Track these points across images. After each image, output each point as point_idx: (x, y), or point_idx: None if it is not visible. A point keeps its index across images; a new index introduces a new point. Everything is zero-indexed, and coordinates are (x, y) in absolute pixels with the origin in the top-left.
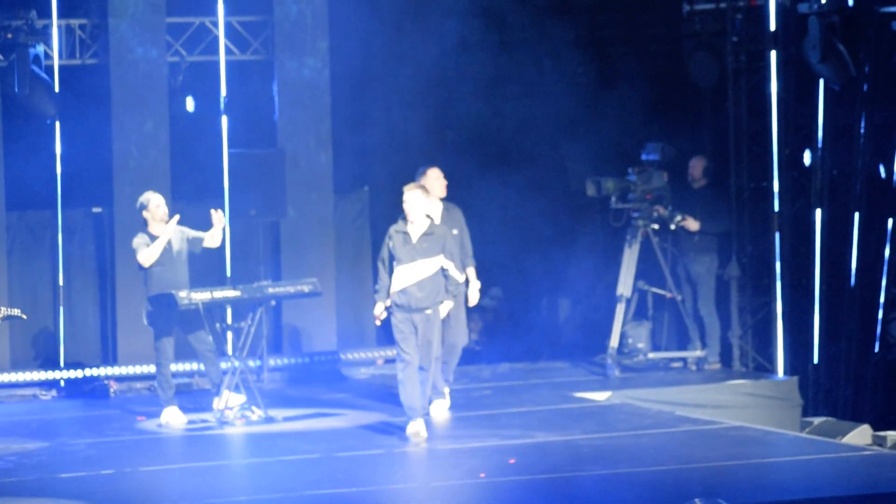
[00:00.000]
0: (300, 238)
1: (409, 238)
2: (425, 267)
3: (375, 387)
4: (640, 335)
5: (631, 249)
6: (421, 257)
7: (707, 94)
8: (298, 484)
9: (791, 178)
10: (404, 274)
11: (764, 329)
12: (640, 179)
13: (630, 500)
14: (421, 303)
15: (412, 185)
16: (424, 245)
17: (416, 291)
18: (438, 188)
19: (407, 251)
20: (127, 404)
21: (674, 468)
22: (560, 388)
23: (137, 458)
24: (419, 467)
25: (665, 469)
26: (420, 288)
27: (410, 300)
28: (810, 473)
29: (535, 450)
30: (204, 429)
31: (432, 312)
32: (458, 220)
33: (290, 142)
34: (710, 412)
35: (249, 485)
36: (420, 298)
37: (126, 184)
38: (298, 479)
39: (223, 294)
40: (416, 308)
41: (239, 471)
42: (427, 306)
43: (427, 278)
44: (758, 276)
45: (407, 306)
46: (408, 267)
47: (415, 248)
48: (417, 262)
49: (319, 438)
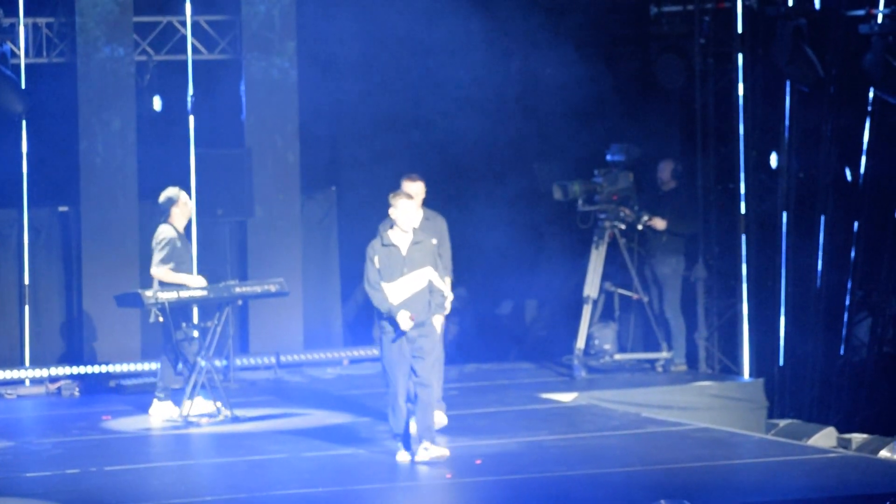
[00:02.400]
0: (267, 237)
1: (396, 251)
2: (416, 280)
3: (342, 387)
4: (606, 336)
5: (598, 251)
6: (410, 270)
7: (674, 96)
8: (265, 484)
9: (758, 180)
10: (394, 291)
11: (730, 331)
12: (606, 181)
13: (596, 500)
14: (419, 315)
15: (400, 193)
16: (415, 255)
17: (413, 304)
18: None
19: (396, 266)
20: (92, 404)
21: (639, 469)
22: (526, 389)
23: (103, 457)
24: (385, 468)
25: (631, 470)
26: (413, 303)
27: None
28: (775, 475)
29: (501, 450)
30: (169, 428)
31: (428, 326)
32: (440, 230)
33: (258, 141)
34: (676, 413)
35: (215, 485)
36: (419, 310)
37: (93, 183)
38: (265, 479)
39: (189, 294)
40: (416, 321)
41: (205, 471)
42: (423, 321)
43: (420, 291)
44: (724, 278)
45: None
46: (398, 283)
47: (404, 260)
48: (407, 276)
49: (286, 438)
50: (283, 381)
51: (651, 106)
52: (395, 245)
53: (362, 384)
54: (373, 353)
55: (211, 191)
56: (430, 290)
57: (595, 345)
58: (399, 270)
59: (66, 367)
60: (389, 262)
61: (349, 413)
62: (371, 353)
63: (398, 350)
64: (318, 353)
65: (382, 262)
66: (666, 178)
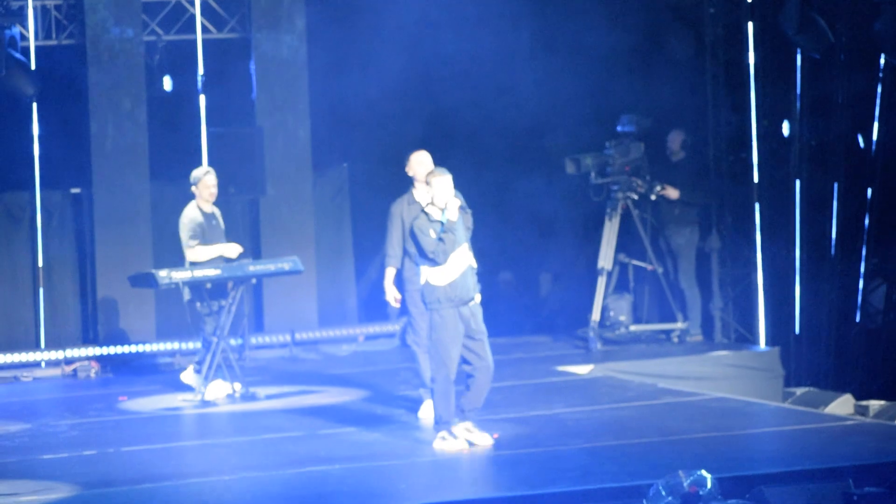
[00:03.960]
0: (280, 215)
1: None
2: (463, 257)
3: (358, 364)
4: (621, 308)
5: (611, 222)
6: (460, 243)
7: (684, 66)
8: (281, 462)
9: (770, 149)
10: (452, 263)
11: (745, 300)
12: (618, 152)
13: (613, 472)
14: (471, 292)
15: (435, 171)
16: (461, 230)
17: (463, 281)
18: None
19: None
20: (109, 385)
21: (656, 440)
22: (543, 362)
23: (119, 438)
24: (403, 443)
25: (648, 441)
26: (466, 276)
27: (461, 291)
28: (793, 444)
29: (518, 424)
30: (186, 408)
31: (477, 305)
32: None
33: (268, 119)
34: (693, 384)
35: (232, 463)
36: (469, 287)
37: (104, 164)
38: (281, 457)
39: (203, 273)
40: (467, 298)
41: (221, 450)
42: (473, 295)
43: (467, 269)
44: (738, 248)
45: (458, 299)
46: (454, 256)
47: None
48: (459, 249)
49: (301, 416)
50: (299, 359)
51: (661, 76)
52: (438, 221)
53: (378, 361)
54: (389, 329)
55: (223, 170)
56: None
57: (610, 316)
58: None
59: (81, 349)
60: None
61: (365, 390)
62: (386, 330)
63: (453, 330)
64: (333, 330)
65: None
66: (676, 148)
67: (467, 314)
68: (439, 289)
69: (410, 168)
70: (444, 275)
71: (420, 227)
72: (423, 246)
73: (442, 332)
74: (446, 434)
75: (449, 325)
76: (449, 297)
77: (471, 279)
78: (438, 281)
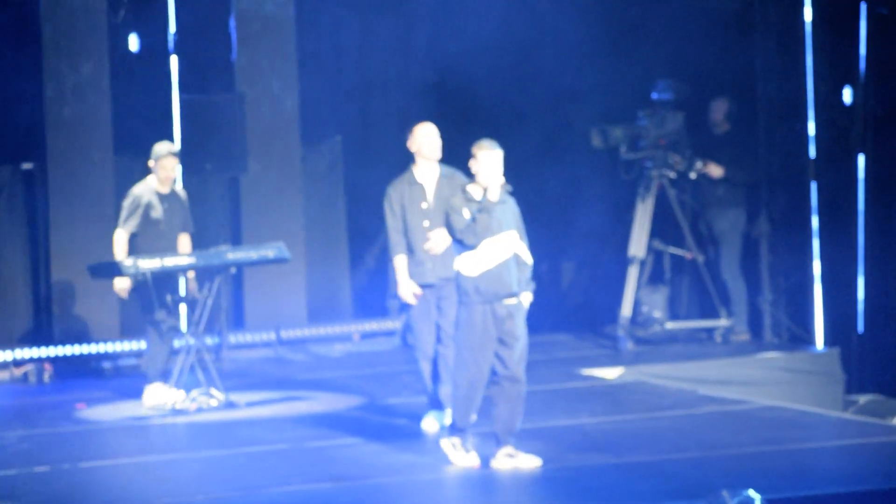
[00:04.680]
0: (263, 195)
1: (487, 207)
2: (505, 244)
3: (352, 366)
4: (655, 302)
5: (644, 204)
6: (503, 229)
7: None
8: (264, 479)
9: (829, 118)
10: (487, 251)
11: (799, 293)
12: (652, 123)
13: (645, 492)
14: (510, 287)
15: (482, 143)
16: (508, 215)
17: (502, 273)
18: (430, 148)
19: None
20: (64, 391)
21: (696, 456)
22: (564, 365)
23: (77, 452)
24: (404, 458)
25: (686, 457)
26: (508, 269)
27: (496, 284)
28: (855, 461)
29: (536, 435)
30: (154, 417)
31: (519, 305)
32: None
33: (251, 85)
34: (738, 390)
35: (207, 481)
36: (509, 282)
37: (61, 136)
38: (263, 474)
39: (175, 261)
40: (504, 294)
41: (195, 465)
42: (517, 292)
43: (508, 260)
44: (791, 233)
45: (492, 293)
46: (491, 241)
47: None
48: (496, 237)
49: (288, 426)
50: (285, 361)
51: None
52: (481, 202)
53: (376, 362)
54: (387, 326)
55: (198, 143)
56: (516, 261)
57: (643, 312)
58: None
59: (33, 349)
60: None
61: (361, 396)
62: (385, 327)
63: (482, 330)
64: (325, 327)
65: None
66: (719, 118)
67: (503, 314)
68: (470, 279)
69: (414, 142)
70: (475, 263)
71: (454, 206)
72: (452, 226)
73: (468, 331)
74: (458, 443)
75: (477, 323)
76: (480, 290)
77: (514, 274)
78: (468, 270)
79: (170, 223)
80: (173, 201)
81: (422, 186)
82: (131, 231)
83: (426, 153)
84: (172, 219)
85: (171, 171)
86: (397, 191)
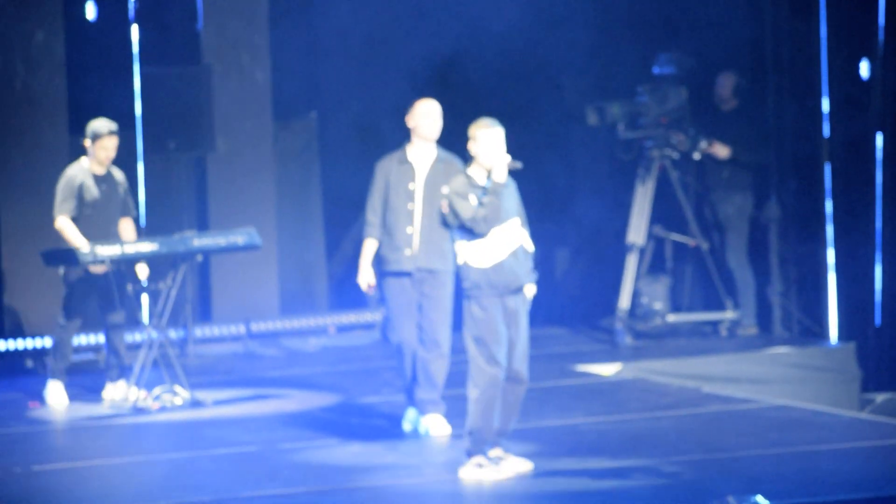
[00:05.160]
0: (232, 177)
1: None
2: (512, 232)
3: (328, 361)
4: (656, 293)
5: (644, 187)
6: (510, 216)
7: None
8: (232, 484)
9: (845, 95)
10: (495, 240)
11: (812, 284)
12: (653, 100)
13: (645, 497)
14: (520, 279)
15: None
16: (511, 200)
17: (513, 263)
18: (428, 127)
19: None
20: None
21: (700, 458)
22: (558, 361)
23: (29, 454)
24: (384, 461)
25: (689, 460)
26: (518, 259)
27: (509, 276)
28: (872, 464)
29: (528, 437)
30: (113, 417)
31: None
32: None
33: (219, 57)
34: (746, 388)
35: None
36: (520, 274)
37: (10, 112)
38: (232, 478)
39: (136, 248)
40: (517, 286)
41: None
42: (524, 283)
43: (517, 250)
44: (803, 218)
45: (504, 285)
46: (499, 230)
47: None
48: (509, 221)
49: (258, 427)
50: (255, 356)
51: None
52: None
53: (353, 357)
54: (366, 318)
55: (161, 120)
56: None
57: (643, 304)
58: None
59: None
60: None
61: (337, 394)
62: (364, 320)
63: (498, 325)
64: (298, 319)
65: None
66: (726, 94)
67: (513, 307)
68: (480, 272)
69: (412, 118)
70: (487, 253)
71: (458, 191)
72: (459, 213)
73: (483, 328)
74: (483, 460)
75: (493, 318)
76: (493, 282)
77: (523, 264)
78: (480, 261)
79: (105, 208)
80: (110, 183)
81: (412, 166)
82: (71, 216)
83: (423, 132)
84: (109, 203)
85: (112, 151)
86: (385, 168)
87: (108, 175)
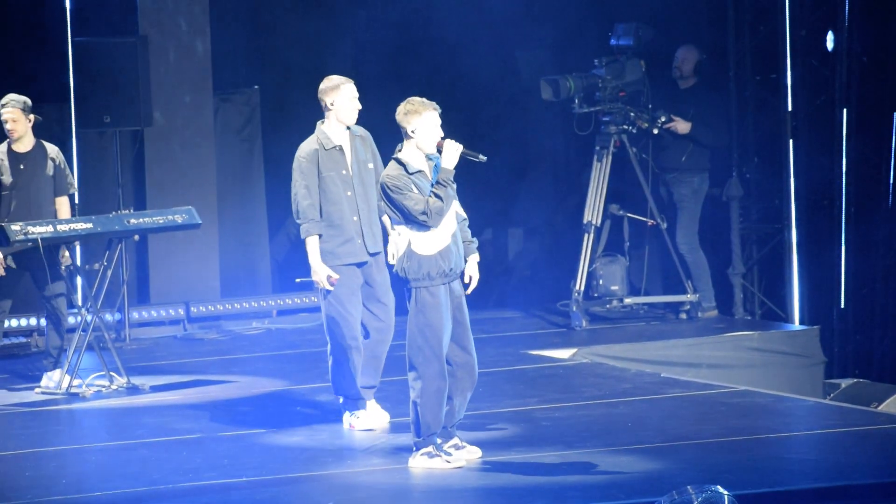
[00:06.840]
0: (170, 153)
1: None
2: (455, 212)
3: (271, 345)
4: (613, 275)
5: (601, 164)
6: (454, 198)
7: None
8: (171, 473)
9: (809, 67)
10: (442, 226)
11: (775, 265)
12: (610, 73)
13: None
14: (461, 262)
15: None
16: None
17: (456, 245)
18: (349, 111)
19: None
20: None
21: (658, 447)
22: (510, 344)
23: None
24: (329, 450)
25: (647, 448)
26: (457, 239)
27: (453, 261)
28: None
29: (478, 424)
30: (45, 403)
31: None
32: (374, 151)
33: (155, 26)
34: (706, 373)
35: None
36: (461, 256)
37: None
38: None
39: (69, 227)
40: (460, 269)
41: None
42: (462, 267)
43: (457, 231)
44: (766, 196)
45: (452, 271)
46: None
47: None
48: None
49: (199, 414)
50: (195, 340)
51: None
52: (422, 171)
53: (297, 342)
54: (309, 301)
55: (94, 92)
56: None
57: (599, 286)
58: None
59: None
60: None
61: (281, 380)
62: (307, 303)
63: (446, 311)
64: (240, 302)
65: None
66: (687, 70)
67: (459, 291)
68: (429, 259)
69: (331, 97)
70: (433, 240)
71: (397, 186)
72: (407, 208)
73: (433, 315)
74: (434, 449)
75: (442, 304)
76: (442, 269)
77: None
78: (426, 248)
79: (27, 188)
80: (36, 161)
81: (339, 149)
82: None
83: (345, 117)
84: (31, 182)
85: (11, 125)
86: (311, 155)
87: (34, 151)
